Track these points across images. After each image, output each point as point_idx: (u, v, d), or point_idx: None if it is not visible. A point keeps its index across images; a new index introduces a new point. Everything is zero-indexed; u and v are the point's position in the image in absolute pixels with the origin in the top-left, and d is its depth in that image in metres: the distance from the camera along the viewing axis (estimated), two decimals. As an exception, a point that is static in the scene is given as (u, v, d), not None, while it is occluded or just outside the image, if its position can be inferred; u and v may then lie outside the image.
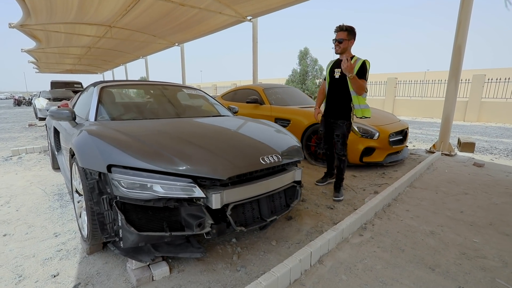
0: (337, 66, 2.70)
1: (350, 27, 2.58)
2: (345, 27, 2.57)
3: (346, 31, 2.56)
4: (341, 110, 2.74)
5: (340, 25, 2.59)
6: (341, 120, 2.74)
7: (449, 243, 2.01)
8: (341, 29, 2.57)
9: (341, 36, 2.57)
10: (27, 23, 7.29)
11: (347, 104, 2.73)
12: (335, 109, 2.78)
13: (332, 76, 2.76)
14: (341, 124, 2.73)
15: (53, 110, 2.21)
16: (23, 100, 22.90)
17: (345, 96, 2.69)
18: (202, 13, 7.22)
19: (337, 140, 2.77)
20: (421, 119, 11.35)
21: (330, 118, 2.83)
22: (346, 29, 2.56)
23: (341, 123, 2.74)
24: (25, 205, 2.65)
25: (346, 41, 2.57)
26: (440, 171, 3.74)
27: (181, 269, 1.69)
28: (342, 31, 2.57)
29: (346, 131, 2.75)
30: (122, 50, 12.63)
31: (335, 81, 2.73)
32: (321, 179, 3.23)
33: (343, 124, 2.73)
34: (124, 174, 1.50)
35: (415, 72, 19.53)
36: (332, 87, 2.78)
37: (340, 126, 2.74)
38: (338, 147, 2.79)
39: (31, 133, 7.35)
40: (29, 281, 1.59)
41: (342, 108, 2.74)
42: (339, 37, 2.58)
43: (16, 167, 3.97)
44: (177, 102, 3.04)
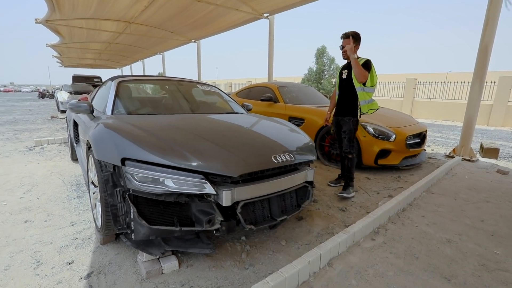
0: (344, 68, 2.88)
1: (354, 33, 2.71)
2: (349, 34, 2.71)
3: (350, 37, 2.69)
4: (348, 107, 2.84)
5: (345, 33, 2.75)
6: (347, 116, 2.82)
7: (468, 253, 1.92)
8: (346, 36, 2.71)
9: (346, 43, 2.71)
10: (52, 18, 7.56)
11: (354, 102, 2.82)
12: (342, 107, 2.90)
13: (340, 77, 2.92)
14: (348, 121, 2.81)
15: (72, 103, 2.28)
16: (46, 93, 23.90)
17: (351, 94, 2.79)
18: (219, 10, 7.24)
19: (344, 136, 2.86)
20: (441, 122, 10.93)
21: (338, 116, 2.93)
22: (350, 36, 2.70)
23: (347, 120, 2.82)
24: (45, 193, 2.76)
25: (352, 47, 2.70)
26: (459, 177, 3.58)
27: (190, 264, 1.70)
28: (347, 38, 2.71)
29: (352, 128, 2.82)
30: (140, 46, 12.89)
31: (343, 81, 2.87)
32: (334, 180, 3.19)
33: (350, 121, 2.81)
34: (137, 168, 1.52)
35: (436, 73, 18.80)
36: (341, 87, 2.92)
37: (346, 123, 2.82)
38: (344, 144, 2.87)
39: (53, 124, 7.66)
40: (46, 267, 1.65)
41: (349, 105, 2.84)
42: (345, 44, 2.73)
43: (38, 157, 4.14)
44: (192, 98, 3.07)
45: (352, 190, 2.84)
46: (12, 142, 5.14)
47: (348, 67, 2.81)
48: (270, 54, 8.04)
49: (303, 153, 2.05)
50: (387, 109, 4.62)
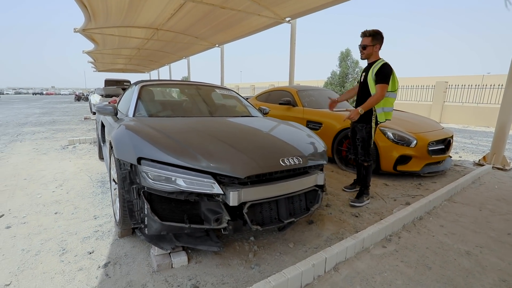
0: (364, 71, 2.74)
1: (375, 32, 2.55)
2: (368, 33, 2.55)
3: (370, 36, 2.55)
4: (363, 114, 2.66)
5: (364, 31, 2.58)
6: (360, 123, 2.71)
7: (488, 266, 1.82)
8: (365, 35, 2.57)
9: (365, 42, 2.58)
10: (88, 27, 8.18)
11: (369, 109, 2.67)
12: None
13: (360, 80, 2.80)
14: (361, 128, 2.72)
15: (99, 106, 2.47)
16: (82, 96, 25.67)
17: (365, 100, 2.64)
18: (241, 15, 7.40)
19: (358, 144, 2.77)
20: (474, 128, 10.24)
21: (354, 122, 2.80)
22: (370, 35, 2.55)
23: (360, 127, 2.72)
24: (74, 188, 3.00)
25: (370, 47, 2.58)
26: (488, 187, 3.36)
27: (199, 260, 1.78)
28: (366, 37, 2.57)
29: (365, 135, 2.69)
30: (167, 51, 13.47)
31: (361, 84, 2.76)
32: (349, 185, 3.13)
33: (363, 128, 2.70)
34: (152, 167, 1.63)
35: (470, 76, 17.61)
36: (360, 89, 2.79)
37: (359, 130, 2.73)
38: (359, 151, 2.77)
39: (85, 125, 8.23)
40: (70, 255, 1.81)
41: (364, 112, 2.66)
42: (363, 43, 2.59)
43: (71, 155, 4.49)
44: (210, 101, 3.18)
45: (366, 198, 2.77)
46: (49, 141, 5.61)
47: (366, 70, 2.68)
48: (292, 58, 8.05)
49: (313, 157, 2.06)
50: (409, 114, 4.46)
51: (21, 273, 1.62)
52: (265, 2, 6.45)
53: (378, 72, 2.52)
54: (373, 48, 2.58)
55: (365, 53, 2.61)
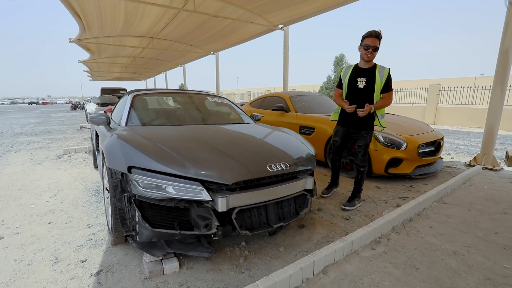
0: (360, 75, 2.58)
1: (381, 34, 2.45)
2: (380, 35, 2.43)
3: (379, 38, 2.43)
4: (366, 120, 2.63)
5: (375, 31, 2.42)
6: (365, 130, 2.65)
7: (474, 266, 1.86)
8: (377, 36, 2.42)
9: (377, 43, 2.43)
10: (83, 37, 8.26)
11: (371, 114, 2.63)
12: (358, 119, 2.63)
13: (354, 85, 2.61)
14: (365, 135, 2.66)
15: (92, 116, 2.51)
16: (78, 104, 25.63)
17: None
18: (235, 23, 7.53)
19: (359, 150, 2.69)
20: (467, 129, 10.37)
21: (351, 128, 2.74)
22: (380, 36, 2.43)
23: (365, 134, 2.66)
24: (68, 198, 3.01)
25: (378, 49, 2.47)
26: (477, 187, 3.42)
27: (190, 266, 1.80)
28: (377, 38, 2.42)
29: (369, 142, 2.69)
30: (163, 59, 13.59)
31: (358, 91, 2.59)
32: (325, 190, 3.07)
33: (367, 135, 2.66)
34: (142, 175, 1.67)
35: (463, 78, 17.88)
36: (354, 96, 2.62)
37: (363, 137, 2.66)
38: (359, 158, 2.71)
39: (81, 134, 8.24)
40: (63, 263, 1.83)
41: (366, 118, 2.62)
42: (375, 44, 2.42)
43: (66, 164, 4.51)
44: (202, 109, 3.24)
45: (358, 201, 2.81)
46: (44, 151, 5.62)
47: (366, 75, 2.53)
48: (285, 64, 8.17)
49: (301, 162, 2.10)
50: (400, 116, 4.53)
51: (13, 283, 1.63)
52: (258, 10, 6.58)
53: (389, 79, 2.51)
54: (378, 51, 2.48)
55: (374, 55, 2.46)
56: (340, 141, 2.84)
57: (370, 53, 2.45)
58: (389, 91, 2.56)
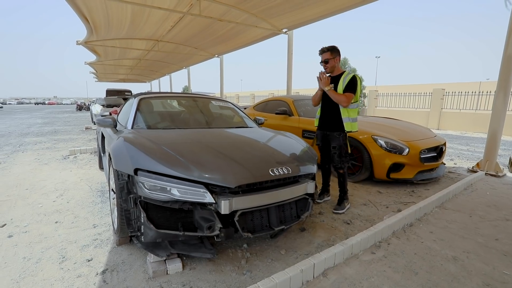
0: (330, 82, 2.79)
1: (331, 47, 2.73)
2: (326, 48, 2.72)
3: (328, 51, 2.71)
4: (336, 121, 2.78)
5: (322, 48, 2.75)
6: (337, 131, 2.77)
7: (473, 271, 1.87)
8: (323, 51, 2.73)
9: (326, 57, 2.72)
10: (90, 40, 8.41)
11: (340, 116, 2.77)
12: (329, 121, 2.84)
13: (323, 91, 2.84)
14: (338, 136, 2.77)
15: (99, 119, 2.58)
16: (83, 105, 25.95)
17: (336, 109, 2.76)
18: (239, 27, 7.61)
19: (334, 152, 2.80)
20: (472, 134, 10.32)
21: (326, 131, 2.87)
22: (328, 49, 2.72)
23: (337, 135, 2.77)
24: (74, 198, 3.08)
25: (331, 59, 2.72)
26: (480, 193, 3.42)
27: (193, 267, 1.85)
28: (325, 52, 2.72)
29: (342, 143, 2.77)
30: (168, 61, 13.74)
31: (325, 95, 2.82)
32: (318, 197, 3.09)
33: (340, 136, 2.77)
34: (148, 177, 1.72)
35: (467, 83, 17.81)
36: (325, 100, 2.85)
37: (336, 138, 2.78)
38: (335, 160, 2.81)
39: (86, 135, 8.36)
40: (69, 262, 1.88)
41: (336, 119, 2.78)
42: (324, 58, 2.73)
43: (71, 165, 4.59)
44: (206, 113, 3.30)
45: (347, 203, 2.86)
46: (51, 151, 5.72)
47: (334, 81, 2.75)
48: (289, 68, 8.22)
49: (304, 167, 2.14)
50: (402, 121, 4.56)
51: (22, 280, 1.69)
52: (262, 14, 6.66)
53: (350, 83, 2.65)
54: (334, 61, 2.72)
55: (329, 67, 2.74)
56: (321, 144, 2.98)
57: (324, 66, 2.78)
58: (348, 92, 2.66)
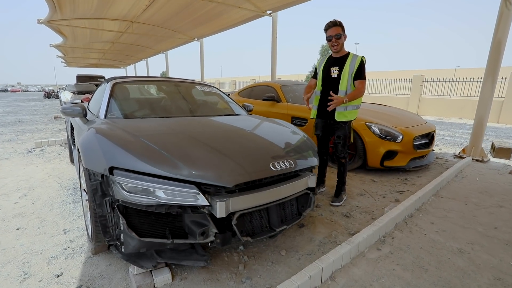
0: (334, 64, 2.53)
1: (341, 22, 2.42)
2: (338, 22, 2.41)
3: (340, 25, 2.40)
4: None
5: (333, 21, 2.41)
6: (343, 121, 2.56)
7: (481, 265, 1.79)
8: (335, 24, 2.40)
9: (338, 31, 2.40)
10: (54, 19, 7.54)
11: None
12: (335, 109, 2.54)
13: (328, 75, 2.57)
14: (343, 125, 2.57)
15: (65, 107, 2.20)
16: (52, 93, 24.10)
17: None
18: (221, 7, 7.13)
19: (338, 142, 2.62)
20: (449, 120, 10.67)
21: (329, 120, 2.63)
22: (340, 24, 2.40)
23: (343, 124, 2.57)
24: (40, 198, 2.70)
25: (343, 36, 2.43)
26: (470, 179, 3.43)
27: (184, 276, 1.61)
28: (336, 26, 2.40)
29: (347, 132, 2.61)
30: (143, 44, 12.86)
31: (332, 80, 2.54)
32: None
33: (345, 125, 2.57)
34: (126, 177, 1.43)
35: (443, 69, 18.39)
36: (329, 86, 2.56)
37: (342, 128, 2.58)
38: (339, 149, 2.64)
39: (55, 125, 7.66)
40: (33, 280, 1.58)
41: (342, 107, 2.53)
42: (337, 32, 2.40)
43: (38, 159, 4.10)
44: (190, 99, 2.97)
45: (344, 194, 2.73)
46: (13, 144, 5.13)
47: (339, 63, 2.49)
48: (273, 52, 7.90)
49: (304, 159, 1.94)
50: (394, 108, 4.47)
51: (-28, 307, 1.38)
52: (245, -6, 6.24)
53: (361, 67, 2.42)
54: (344, 37, 2.44)
55: (340, 43, 2.42)
56: (321, 133, 2.76)
57: (334, 42, 2.43)
58: (361, 79, 2.44)
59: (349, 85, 2.47)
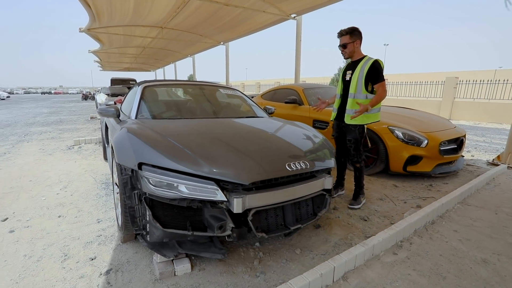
0: (349, 68, 2.62)
1: (351, 29, 2.48)
2: (345, 31, 2.49)
3: (347, 34, 2.48)
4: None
5: (339, 31, 2.52)
6: (353, 124, 2.56)
7: (507, 277, 1.71)
8: (342, 34, 2.50)
9: (344, 41, 2.50)
10: (93, 27, 8.19)
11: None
12: (345, 112, 2.61)
13: (343, 78, 2.67)
14: (353, 128, 2.58)
15: (101, 108, 2.43)
16: (89, 95, 25.92)
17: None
18: (246, 12, 7.29)
19: (349, 145, 2.64)
20: (486, 125, 9.96)
21: (341, 122, 2.67)
22: (347, 32, 2.48)
23: (353, 127, 2.58)
24: (78, 190, 2.98)
25: (350, 44, 2.49)
26: (503, 188, 3.22)
27: (202, 267, 1.72)
28: (343, 36, 2.50)
29: (358, 136, 2.59)
30: (172, 49, 13.45)
31: (346, 83, 2.62)
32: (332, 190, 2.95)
33: (355, 129, 2.58)
34: (153, 172, 1.57)
35: (482, 71, 17.16)
36: (345, 90, 2.66)
37: (352, 131, 2.59)
38: (351, 153, 2.66)
39: (91, 125, 8.28)
40: (72, 261, 1.78)
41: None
42: (342, 42, 2.52)
43: (76, 155, 4.50)
44: (213, 102, 3.12)
45: (363, 198, 2.71)
46: (56, 141, 5.64)
47: (353, 67, 2.54)
48: (297, 55, 7.91)
49: (321, 161, 1.98)
50: (419, 112, 4.32)
51: (22, 281, 1.59)
52: (270, -1, 6.34)
53: (372, 70, 2.41)
54: (354, 45, 2.49)
55: (347, 52, 2.52)
56: (337, 135, 2.81)
57: (342, 51, 2.56)
58: (379, 82, 2.43)
59: (358, 88, 2.48)
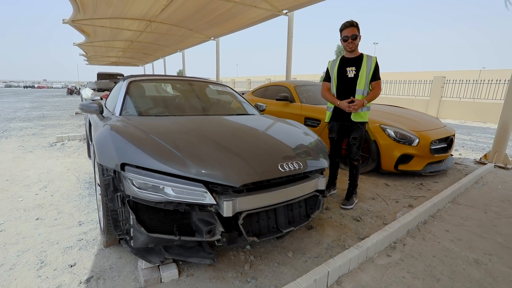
0: (349, 65, 2.50)
1: (356, 22, 2.42)
2: (355, 23, 2.41)
3: (356, 26, 2.40)
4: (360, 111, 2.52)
5: (349, 21, 2.41)
6: (360, 122, 2.52)
7: (499, 277, 1.71)
8: (352, 25, 2.40)
9: (355, 32, 2.40)
10: (77, 18, 7.85)
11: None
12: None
13: (344, 75, 2.52)
14: (361, 126, 2.54)
15: (83, 104, 2.29)
16: (74, 89, 25.13)
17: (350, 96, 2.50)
18: (237, 7, 7.15)
19: (354, 143, 2.59)
20: (471, 124, 10.21)
21: (346, 122, 2.59)
22: (356, 24, 2.40)
23: (360, 125, 2.53)
24: (59, 190, 2.82)
25: (358, 36, 2.42)
26: (491, 187, 3.27)
27: (191, 273, 1.64)
28: (353, 27, 2.40)
29: (363, 134, 2.58)
30: (161, 44, 13.12)
31: (349, 80, 2.50)
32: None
33: (362, 126, 2.55)
34: (137, 174, 1.47)
35: (467, 71, 17.60)
36: (345, 87, 2.53)
37: (359, 129, 2.55)
38: (353, 151, 2.61)
39: (76, 121, 7.98)
40: (49, 268, 1.66)
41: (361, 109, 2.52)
42: (353, 33, 2.39)
43: (58, 153, 4.29)
44: (203, 98, 3.01)
45: (356, 197, 2.68)
46: (37, 138, 5.38)
47: (355, 64, 2.46)
48: (289, 52, 7.83)
49: (314, 160, 1.91)
50: (410, 110, 4.34)
51: (-8, 292, 1.46)
52: (261, -7, 6.23)
53: (376, 68, 2.44)
54: (360, 39, 2.43)
55: (355, 44, 2.42)
56: (336, 136, 2.71)
57: (350, 43, 2.42)
58: (377, 79, 2.46)
59: (366, 85, 2.46)
